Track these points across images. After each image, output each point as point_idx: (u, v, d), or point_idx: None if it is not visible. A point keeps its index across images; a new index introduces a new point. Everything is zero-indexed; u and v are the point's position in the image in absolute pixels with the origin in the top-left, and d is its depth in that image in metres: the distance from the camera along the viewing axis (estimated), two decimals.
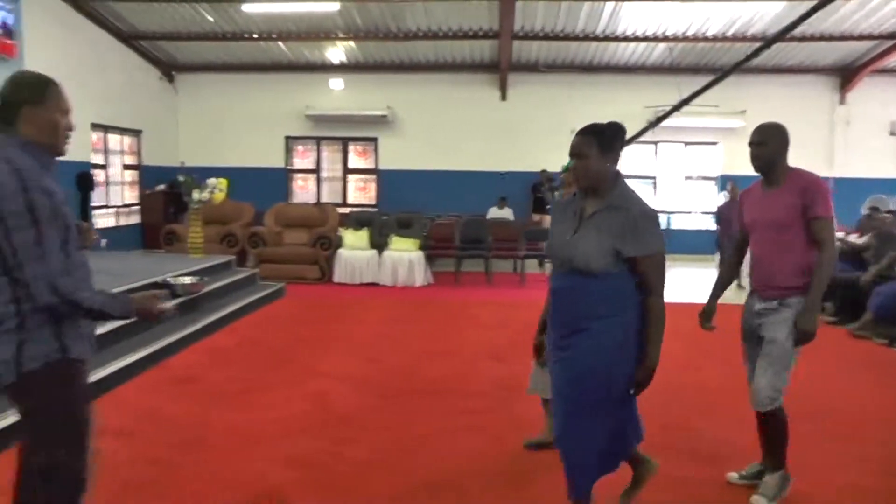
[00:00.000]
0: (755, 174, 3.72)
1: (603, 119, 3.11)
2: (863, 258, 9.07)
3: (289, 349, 7.11)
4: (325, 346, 7.24)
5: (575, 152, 3.00)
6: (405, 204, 13.87)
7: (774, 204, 3.61)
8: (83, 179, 2.77)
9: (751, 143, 3.68)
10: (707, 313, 3.92)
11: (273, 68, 15.60)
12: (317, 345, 7.32)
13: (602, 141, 2.96)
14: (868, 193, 11.75)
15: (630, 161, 15.16)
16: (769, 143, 3.63)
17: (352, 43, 14.24)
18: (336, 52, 14.89)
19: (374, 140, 15.86)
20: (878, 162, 15.07)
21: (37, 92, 2.47)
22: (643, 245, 2.89)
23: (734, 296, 4.67)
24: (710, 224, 14.78)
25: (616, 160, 3.00)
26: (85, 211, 2.68)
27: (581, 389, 2.99)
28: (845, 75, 14.90)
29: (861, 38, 13.21)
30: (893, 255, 8.38)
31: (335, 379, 6.04)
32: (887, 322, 7.81)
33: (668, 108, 12.61)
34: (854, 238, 9.85)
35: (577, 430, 3.03)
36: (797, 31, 10.66)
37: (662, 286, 2.96)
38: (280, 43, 14.37)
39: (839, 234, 9.56)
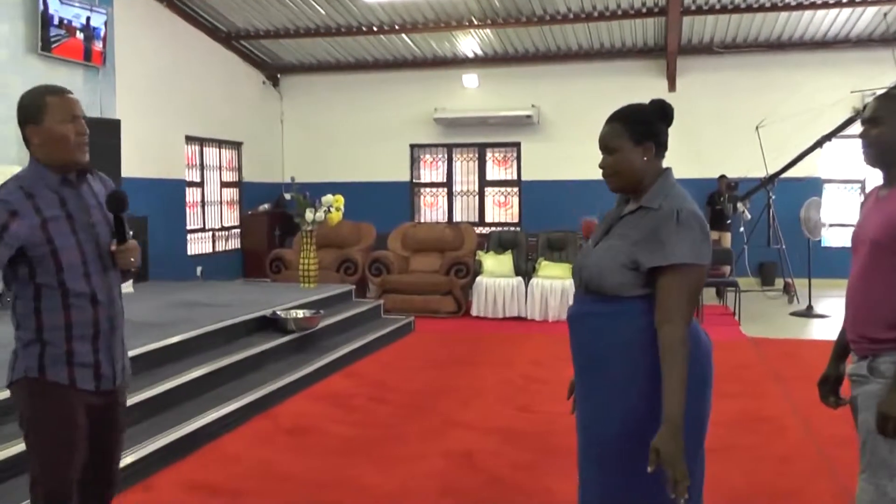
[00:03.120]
0: None
1: (798, 109, 2.72)
2: None
3: (421, 395, 7.02)
4: (464, 392, 7.11)
5: (601, 145, 2.72)
6: (555, 221, 13.58)
7: (880, 213, 2.87)
8: (112, 200, 2.98)
9: (862, 121, 2.94)
10: (828, 382, 3.17)
11: (395, 65, 15.77)
12: (454, 390, 7.21)
13: (635, 129, 2.66)
14: None
15: (832, 161, 14.50)
16: (887, 120, 2.85)
17: (488, 31, 14.21)
18: (470, 44, 14.89)
19: (516, 146, 15.74)
20: None
21: (34, 109, 2.82)
22: (665, 251, 2.49)
23: None
24: None
25: (658, 152, 2.69)
26: (120, 233, 2.93)
27: (595, 465, 2.66)
28: None
29: None
30: None
31: (480, 431, 5.90)
32: None
33: (882, 92, 11.89)
34: None
35: None
36: None
37: (684, 311, 2.51)
38: (404, 35, 14.49)
39: None
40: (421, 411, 6.48)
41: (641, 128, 2.67)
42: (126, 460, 4.75)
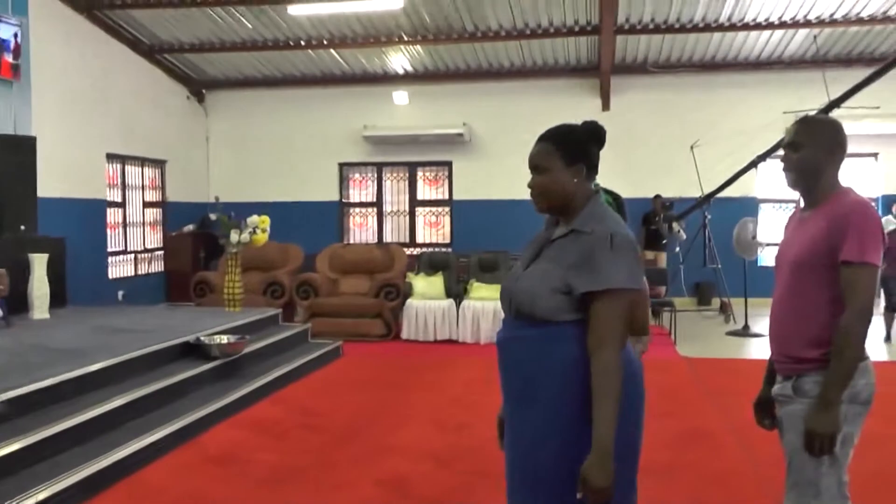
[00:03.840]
0: None
1: (732, 129, 2.81)
2: None
3: (351, 421, 6.99)
4: (395, 417, 7.12)
5: (531, 165, 2.74)
6: (487, 242, 13.63)
7: (801, 234, 3.08)
8: None
9: (783, 146, 3.15)
10: (761, 405, 3.30)
11: (323, 81, 15.75)
12: (385, 415, 7.21)
13: (567, 149, 2.69)
14: None
15: (767, 181, 14.84)
16: (807, 145, 3.05)
17: (419, 47, 14.26)
18: (400, 60, 14.92)
19: (447, 164, 15.84)
20: None
21: None
22: (600, 276, 2.52)
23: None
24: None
25: (588, 175, 2.73)
26: None
27: (530, 493, 2.65)
28: None
29: None
30: None
31: (413, 456, 5.90)
32: None
33: (813, 112, 12.14)
34: None
35: None
36: None
37: (618, 336, 2.53)
38: (332, 51, 14.46)
39: None
40: (351, 438, 6.45)
41: (573, 148, 2.69)
42: (40, 495, 4.64)
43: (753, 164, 12.37)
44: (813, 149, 3.04)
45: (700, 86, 14.77)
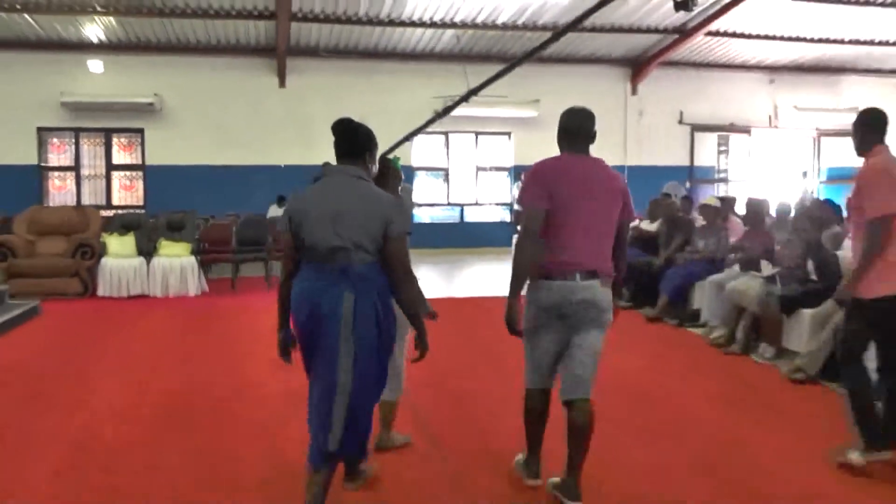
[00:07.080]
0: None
1: (394, 109, 3.27)
2: (656, 244, 9.92)
3: (47, 379, 6.71)
4: (89, 373, 6.93)
5: None
6: (177, 204, 13.59)
7: None
8: None
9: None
10: None
11: (19, 46, 14.98)
12: (80, 371, 6.98)
13: None
14: (660, 180, 13.03)
15: (421, 152, 16.06)
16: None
17: (112, 19, 13.87)
18: (94, 30, 14.44)
19: (140, 132, 15.63)
20: (668, 150, 16.65)
21: None
22: None
23: None
24: (505, 215, 16.67)
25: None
26: None
27: None
28: (636, 66, 16.33)
29: (648, 31, 14.56)
30: (681, 239, 9.38)
31: (104, 411, 5.75)
32: (678, 304, 8.89)
33: (456, 98, 13.14)
34: (646, 224, 10.79)
35: None
36: (588, 23, 11.09)
37: None
38: (26, 15, 13.71)
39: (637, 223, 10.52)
40: (45, 395, 6.18)
41: None
42: None
43: (408, 138, 13.23)
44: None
45: (365, 70, 15.59)
